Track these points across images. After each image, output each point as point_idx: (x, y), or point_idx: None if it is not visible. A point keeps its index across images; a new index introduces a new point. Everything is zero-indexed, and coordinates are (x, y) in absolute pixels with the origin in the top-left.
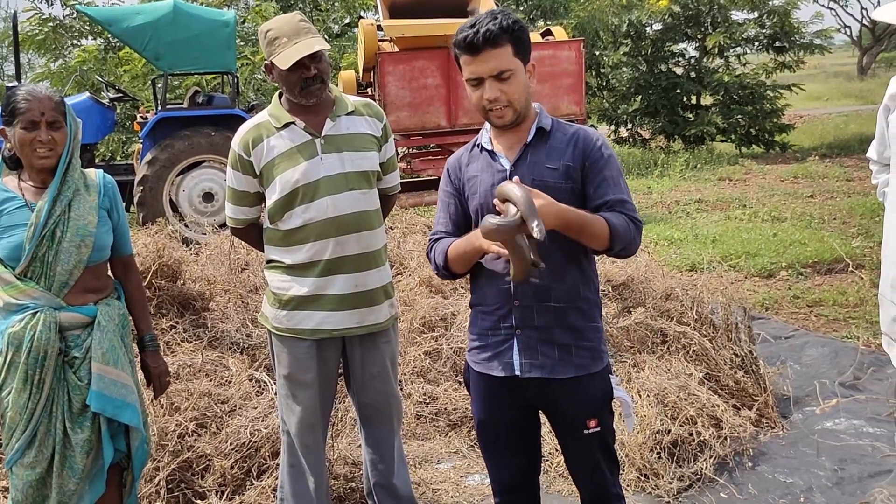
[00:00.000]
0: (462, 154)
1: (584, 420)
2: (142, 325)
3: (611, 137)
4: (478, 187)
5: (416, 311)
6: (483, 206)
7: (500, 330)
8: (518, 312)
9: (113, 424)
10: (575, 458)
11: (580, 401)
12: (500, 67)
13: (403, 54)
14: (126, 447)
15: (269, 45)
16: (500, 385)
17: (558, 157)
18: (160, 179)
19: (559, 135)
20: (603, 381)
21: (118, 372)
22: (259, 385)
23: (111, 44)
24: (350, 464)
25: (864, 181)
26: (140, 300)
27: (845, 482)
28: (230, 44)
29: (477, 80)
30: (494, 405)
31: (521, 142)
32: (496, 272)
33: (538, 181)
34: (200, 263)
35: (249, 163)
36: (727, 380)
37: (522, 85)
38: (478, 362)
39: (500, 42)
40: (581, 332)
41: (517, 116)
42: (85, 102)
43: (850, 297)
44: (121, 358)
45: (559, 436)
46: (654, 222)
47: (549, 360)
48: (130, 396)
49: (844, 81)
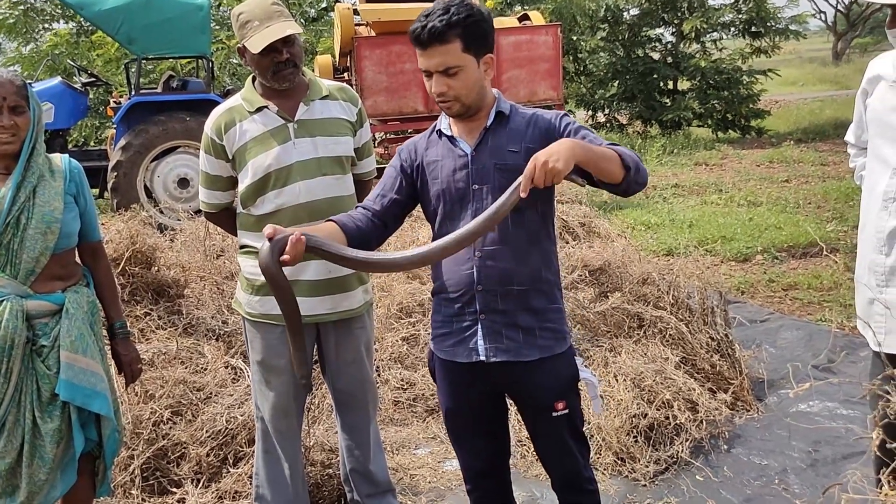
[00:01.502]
0: (419, 139)
1: (551, 403)
2: (112, 312)
3: (588, 122)
4: (438, 173)
5: (393, 296)
6: (444, 192)
7: (464, 316)
8: (481, 297)
9: (83, 413)
10: (544, 441)
11: (546, 383)
12: (445, 64)
13: (380, 39)
14: (97, 436)
15: (241, 28)
16: (466, 371)
17: (519, 140)
18: (134, 165)
19: (518, 118)
20: (568, 362)
21: (87, 360)
22: (235, 372)
23: (83, 27)
24: (327, 450)
25: (839, 166)
26: (110, 287)
27: (819, 464)
28: (204, 28)
29: (426, 71)
30: (461, 392)
31: (481, 126)
32: (459, 258)
33: (500, 164)
34: (175, 250)
35: (222, 147)
36: (703, 363)
37: (472, 80)
38: (442, 349)
39: (446, 38)
40: (544, 314)
41: (466, 110)
42: (57, 87)
43: (824, 281)
44: (90, 346)
45: (527, 420)
46: (630, 207)
47: (514, 344)
48: (100, 385)
49: (819, 67)
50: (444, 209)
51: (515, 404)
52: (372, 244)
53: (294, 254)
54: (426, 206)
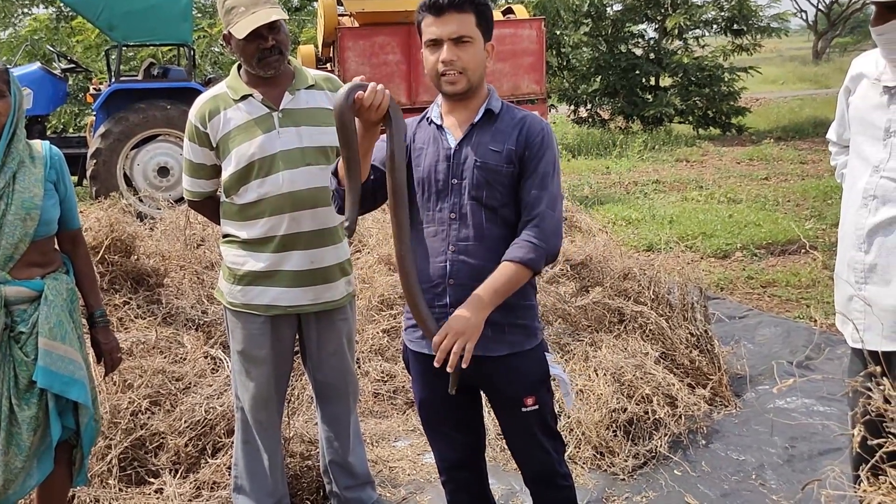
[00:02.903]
0: (411, 122)
1: (520, 398)
2: (91, 300)
3: (570, 117)
4: (422, 161)
5: (374, 288)
6: (424, 181)
7: (434, 308)
8: (452, 291)
9: (61, 401)
10: (514, 436)
11: (516, 378)
12: (460, 32)
13: (363, 30)
14: (75, 424)
15: (226, 14)
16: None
17: (503, 141)
18: (114, 153)
19: (507, 118)
20: (538, 358)
21: (66, 347)
22: (214, 362)
23: (63, 13)
24: (306, 442)
25: (818, 164)
26: (89, 275)
27: (796, 460)
28: (186, 15)
29: (436, 41)
30: (433, 383)
31: (469, 121)
32: (433, 250)
33: (480, 162)
34: (155, 239)
35: (206, 135)
36: (682, 359)
37: (479, 57)
38: (413, 341)
39: (464, 8)
40: (514, 310)
41: (469, 87)
42: (36, 73)
43: (802, 278)
44: (69, 333)
45: (498, 415)
46: (612, 202)
47: (482, 339)
48: (78, 372)
49: (800, 65)
50: (422, 197)
51: (487, 398)
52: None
53: (371, 103)
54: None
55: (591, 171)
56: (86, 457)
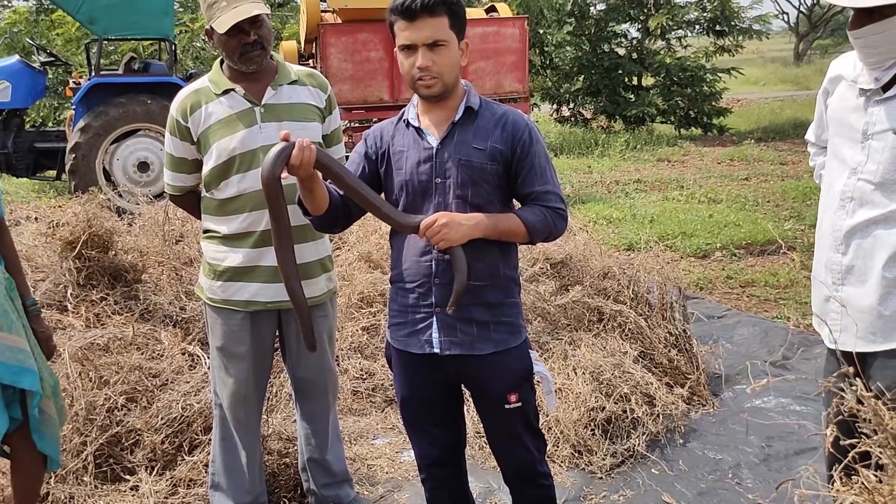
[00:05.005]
0: (386, 126)
1: (504, 395)
2: (22, 290)
3: (553, 116)
4: (403, 163)
5: (354, 286)
6: (408, 183)
7: (419, 307)
8: (438, 290)
9: (7, 392)
10: (496, 433)
11: (500, 375)
12: (434, 36)
13: (346, 26)
14: (22, 414)
15: (208, 8)
16: (421, 362)
17: (485, 138)
18: (93, 147)
19: (487, 114)
20: (522, 355)
21: (13, 337)
22: (192, 359)
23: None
24: (284, 439)
25: (798, 165)
26: (16, 264)
27: (772, 459)
28: (168, 10)
29: (410, 46)
30: (416, 382)
31: (449, 120)
32: (419, 249)
33: (464, 160)
34: (133, 234)
35: (187, 129)
36: (661, 358)
37: (454, 58)
38: (396, 339)
39: (437, 11)
40: (500, 309)
41: (445, 89)
42: (15, 66)
43: (781, 279)
44: (14, 322)
45: (480, 412)
46: (593, 201)
47: (468, 338)
48: (28, 361)
49: (781, 67)
50: (406, 200)
51: (470, 395)
52: (339, 224)
53: (301, 160)
54: (388, 195)
55: (572, 170)
56: (48, 442)
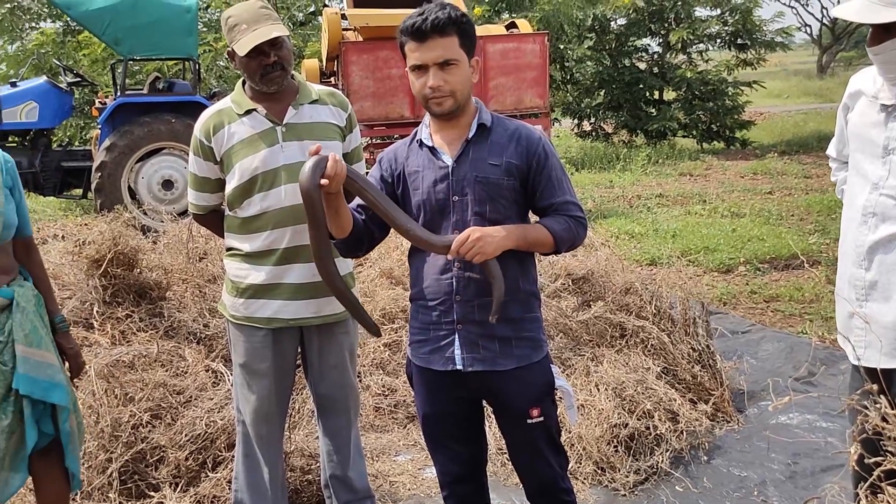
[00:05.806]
0: (399, 147)
1: (526, 409)
2: (51, 306)
3: (574, 131)
4: (420, 183)
5: (376, 302)
6: (425, 203)
7: (441, 325)
8: (459, 307)
9: (38, 407)
10: (518, 448)
11: (522, 390)
12: (445, 56)
13: (367, 44)
14: (54, 429)
15: (229, 31)
16: (443, 378)
17: (500, 153)
18: (119, 166)
19: (500, 130)
20: (544, 370)
21: (43, 352)
22: (216, 376)
23: (70, 27)
24: (307, 456)
25: (822, 178)
26: (45, 281)
27: (798, 476)
28: (192, 30)
29: (421, 66)
30: (438, 398)
31: (462, 137)
32: (438, 267)
33: (481, 177)
34: (158, 252)
35: (210, 149)
36: (684, 374)
37: (465, 77)
38: (418, 356)
39: (447, 31)
40: (521, 324)
41: (456, 107)
42: (42, 86)
43: (805, 293)
44: (43, 338)
45: (502, 426)
46: (615, 216)
47: (490, 354)
48: (57, 376)
49: (804, 80)
50: (424, 219)
51: (492, 410)
52: (363, 248)
53: (335, 174)
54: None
55: (594, 184)
56: (73, 459)
